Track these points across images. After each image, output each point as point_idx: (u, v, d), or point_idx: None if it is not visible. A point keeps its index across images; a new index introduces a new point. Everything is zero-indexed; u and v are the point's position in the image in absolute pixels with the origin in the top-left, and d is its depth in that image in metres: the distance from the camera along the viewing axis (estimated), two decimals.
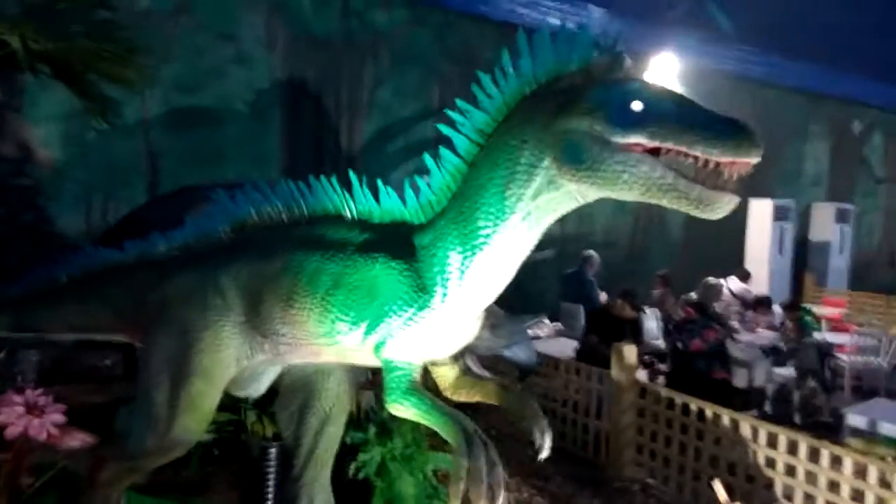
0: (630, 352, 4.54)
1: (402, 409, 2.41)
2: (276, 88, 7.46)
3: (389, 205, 2.59)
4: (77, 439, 2.57)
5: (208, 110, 7.02)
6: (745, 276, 9.67)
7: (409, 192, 2.55)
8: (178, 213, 5.47)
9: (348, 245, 2.53)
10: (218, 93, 7.06)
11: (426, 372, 2.65)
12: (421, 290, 2.38)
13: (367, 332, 2.44)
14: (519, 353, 4.96)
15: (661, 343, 7.51)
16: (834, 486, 3.50)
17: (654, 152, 2.03)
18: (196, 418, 2.66)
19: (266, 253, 2.67)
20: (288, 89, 7.56)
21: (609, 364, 4.87)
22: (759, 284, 10.74)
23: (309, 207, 2.73)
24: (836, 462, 3.50)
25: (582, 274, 8.18)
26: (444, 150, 2.45)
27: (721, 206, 2.03)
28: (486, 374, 2.77)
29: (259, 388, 2.94)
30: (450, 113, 2.44)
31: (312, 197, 2.72)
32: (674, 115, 2.02)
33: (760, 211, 12.06)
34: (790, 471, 3.66)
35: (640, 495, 4.31)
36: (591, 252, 8.31)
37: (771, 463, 3.74)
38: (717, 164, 1.98)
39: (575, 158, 2.11)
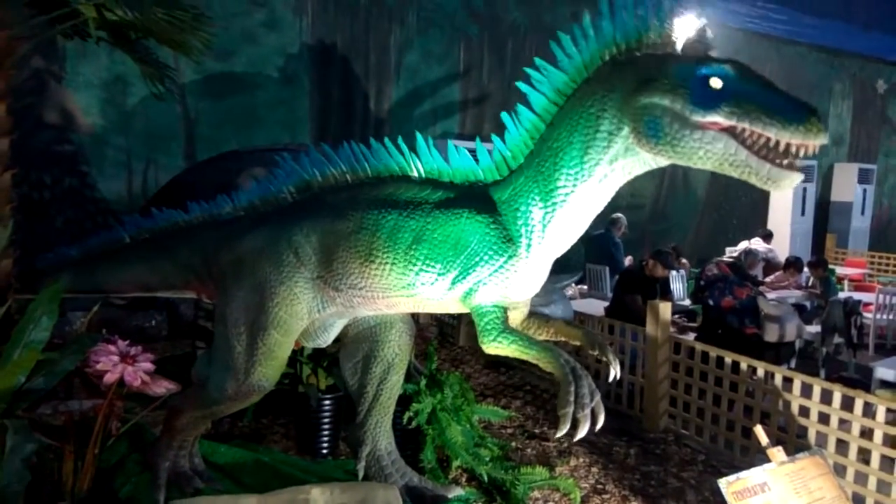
0: (665, 309, 4.68)
1: (503, 346, 2.55)
2: (305, 53, 7.53)
3: (460, 163, 2.72)
4: (162, 387, 2.76)
5: (241, 75, 7.12)
6: (767, 237, 9.77)
7: (481, 152, 2.69)
8: (219, 176, 5.65)
9: (425, 203, 2.67)
10: (250, 58, 7.15)
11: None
12: (508, 241, 2.55)
13: (455, 282, 2.59)
14: (556, 311, 5.14)
15: (686, 303, 7.67)
16: (865, 434, 3.65)
17: (730, 130, 2.15)
18: (273, 366, 2.84)
19: (337, 212, 2.78)
20: (317, 54, 7.62)
21: (638, 321, 5.02)
22: (781, 245, 10.83)
23: (373, 168, 2.85)
24: (867, 410, 3.65)
25: (609, 235, 8.30)
26: (520, 108, 2.56)
27: (787, 183, 2.18)
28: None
29: (327, 338, 3.11)
30: (528, 70, 2.52)
31: (375, 158, 2.83)
32: (750, 96, 2.12)
33: None
34: (823, 419, 3.81)
35: (674, 445, 4.48)
36: (619, 214, 8.41)
37: (805, 412, 3.88)
38: (787, 144, 2.10)
39: (655, 133, 2.24)
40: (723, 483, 2.80)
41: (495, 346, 2.56)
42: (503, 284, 2.57)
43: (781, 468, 2.92)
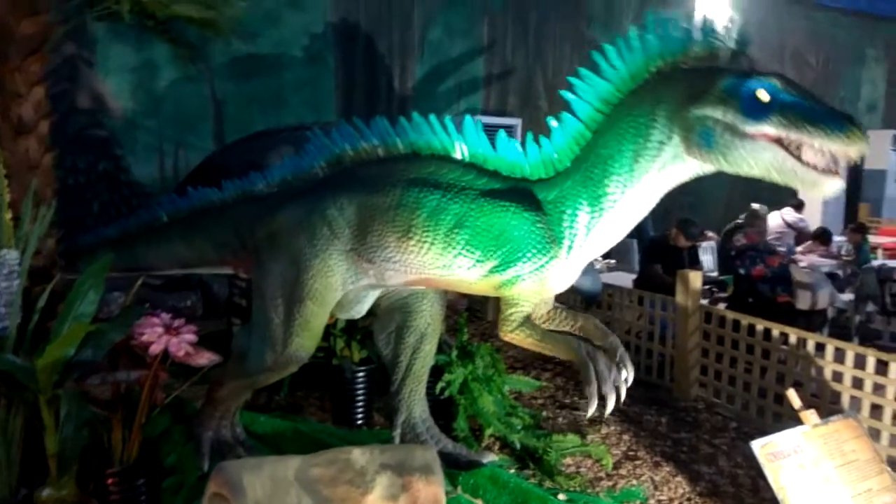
0: (695, 278, 4.67)
1: (519, 338, 2.70)
2: (329, 32, 7.55)
3: (507, 154, 2.77)
4: (205, 358, 2.85)
5: (266, 57, 7.17)
6: (799, 206, 9.61)
7: (531, 146, 2.74)
8: (250, 157, 5.72)
9: (469, 188, 2.73)
10: (274, 39, 7.20)
11: None
12: (552, 242, 2.63)
13: (493, 271, 2.68)
14: (584, 283, 5.15)
15: (715, 274, 7.60)
16: None
17: (777, 139, 2.30)
18: (309, 337, 2.91)
19: (373, 186, 2.83)
20: (341, 33, 7.64)
21: (668, 291, 5.01)
22: (813, 214, 10.63)
23: (409, 144, 2.87)
24: None
25: None
26: (566, 115, 2.65)
27: (829, 187, 2.34)
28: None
29: (360, 310, 3.18)
30: (571, 79, 2.62)
31: (416, 133, 2.86)
32: (795, 107, 2.27)
33: None
34: (857, 384, 3.80)
35: (705, 413, 4.50)
36: None
37: (838, 377, 3.87)
38: (830, 152, 2.27)
39: (707, 143, 2.40)
40: (756, 445, 2.83)
41: (512, 336, 2.70)
42: (540, 282, 2.65)
43: (815, 430, 2.93)
